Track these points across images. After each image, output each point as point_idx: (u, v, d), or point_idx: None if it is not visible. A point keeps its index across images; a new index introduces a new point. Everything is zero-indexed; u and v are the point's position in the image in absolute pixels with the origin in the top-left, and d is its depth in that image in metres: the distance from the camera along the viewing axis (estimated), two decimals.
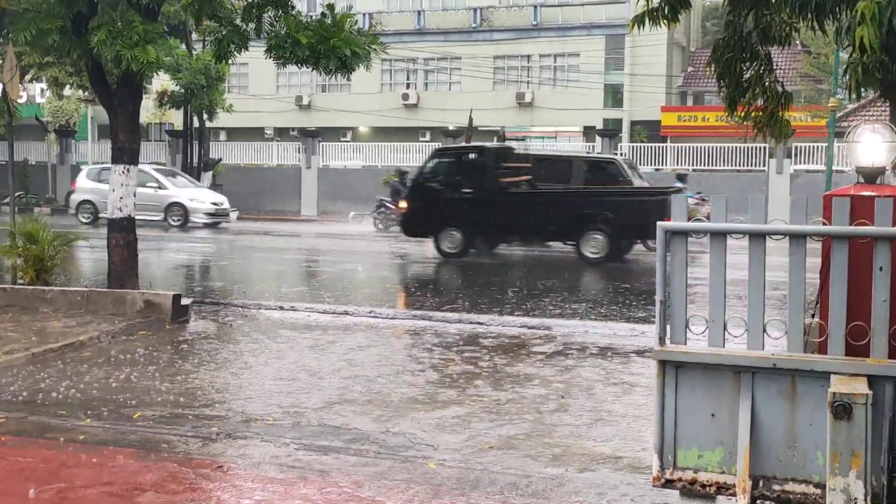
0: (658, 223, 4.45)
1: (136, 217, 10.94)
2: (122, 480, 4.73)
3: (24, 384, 6.92)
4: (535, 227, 17.68)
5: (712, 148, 32.95)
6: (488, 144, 20.75)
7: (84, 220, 26.78)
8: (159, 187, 26.56)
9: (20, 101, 42.57)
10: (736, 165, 32.32)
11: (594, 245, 16.81)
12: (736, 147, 32.00)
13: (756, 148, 31.00)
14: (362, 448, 5.40)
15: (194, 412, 6.20)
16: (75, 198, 28.20)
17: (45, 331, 8.91)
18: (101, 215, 26.21)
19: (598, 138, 33.73)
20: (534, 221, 17.40)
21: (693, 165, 32.92)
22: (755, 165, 31.55)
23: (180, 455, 5.20)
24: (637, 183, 18.99)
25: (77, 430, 5.70)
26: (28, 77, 33.40)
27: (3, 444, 5.34)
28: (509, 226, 17.68)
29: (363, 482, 4.74)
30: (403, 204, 19.06)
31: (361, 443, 5.51)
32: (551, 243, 18.81)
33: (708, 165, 32.76)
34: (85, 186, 27.90)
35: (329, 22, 10.52)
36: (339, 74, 10.79)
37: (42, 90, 40.41)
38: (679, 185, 21.80)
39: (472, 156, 18.97)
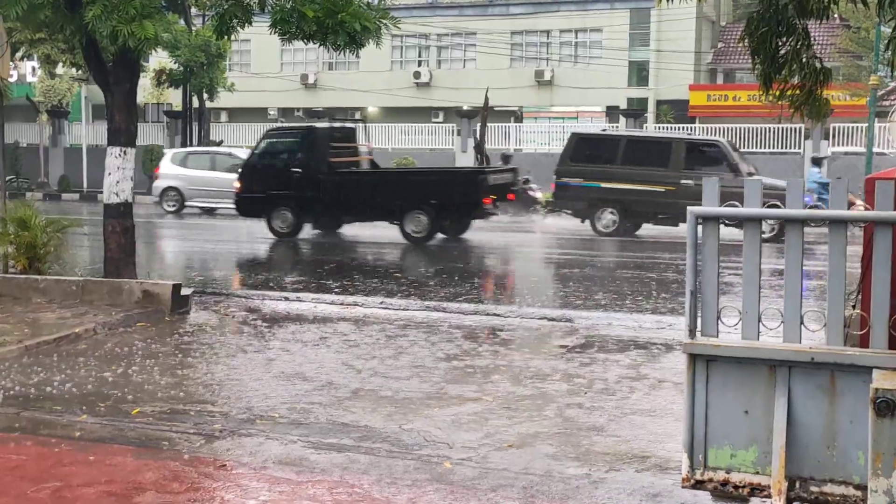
0: (689, 208, 4.44)
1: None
2: (121, 479, 4.77)
3: (16, 378, 6.97)
4: (362, 208, 18.80)
5: (744, 129, 32.78)
6: (318, 124, 21.97)
7: (169, 209, 26.11)
8: None
9: (10, 80, 42.68)
10: (770, 148, 32.15)
11: (416, 224, 17.97)
12: (769, 128, 31.86)
13: (791, 129, 30.88)
14: (374, 446, 5.42)
15: (196, 408, 6.23)
16: (159, 184, 27.18)
17: (39, 322, 8.97)
18: (187, 203, 26.11)
19: (621, 119, 33.63)
20: (361, 202, 18.64)
21: None
22: (790, 147, 31.39)
23: (182, 453, 5.24)
24: (743, 168, 19.10)
25: (73, 426, 5.75)
26: (18, 55, 33.49)
27: None
28: (338, 206, 18.76)
29: (375, 482, 4.76)
30: (237, 184, 19.85)
31: (373, 441, 5.53)
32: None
33: (740, 147, 32.53)
34: (169, 172, 27.20)
35: None
36: (348, 51, 10.79)
37: (33, 69, 40.50)
38: (504, 165, 23.14)
39: (301, 136, 20.05)
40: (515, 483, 4.79)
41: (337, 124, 23.07)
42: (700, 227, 4.44)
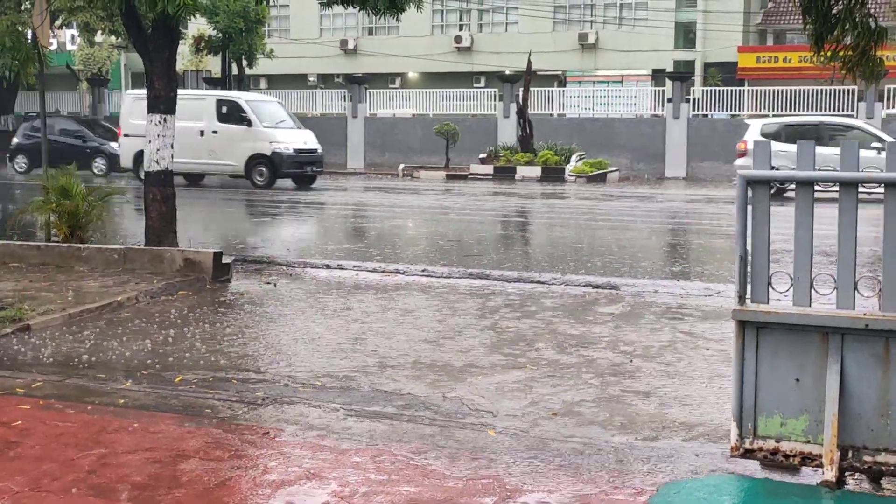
0: (738, 171, 4.39)
1: None
2: (165, 446, 4.82)
3: (61, 346, 7.08)
4: None
5: (795, 91, 32.25)
6: None
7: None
8: None
9: (50, 48, 43.14)
10: (822, 110, 31.62)
11: None
12: (821, 90, 31.31)
13: (844, 91, 30.32)
14: (417, 414, 5.43)
15: (238, 376, 6.29)
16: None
17: (82, 290, 9.09)
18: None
19: (667, 82, 33.25)
20: None
21: (773, 110, 32.29)
22: (843, 109, 30.85)
23: (225, 420, 5.28)
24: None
25: (117, 393, 5.81)
26: (58, 23, 33.77)
27: (41, 408, 5.46)
28: None
29: (418, 450, 4.77)
30: None
31: (416, 409, 5.55)
32: None
33: (790, 110, 32.09)
34: None
35: None
36: (388, 15, 10.76)
37: (73, 37, 40.95)
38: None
39: None
40: (560, 451, 4.78)
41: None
42: (750, 191, 4.39)
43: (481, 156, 31.07)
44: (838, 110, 30.93)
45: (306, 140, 25.36)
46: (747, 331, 4.39)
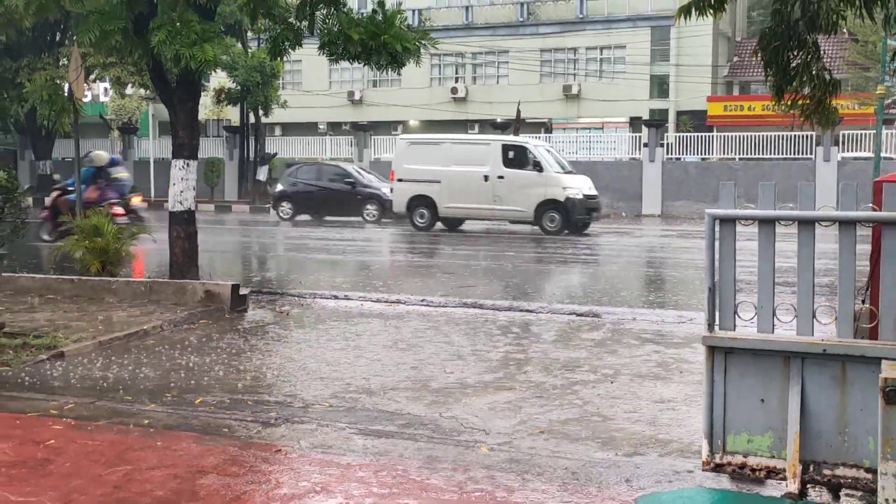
0: (707, 210, 4.40)
1: None
2: (186, 463, 4.79)
3: (91, 371, 7.05)
4: None
5: (759, 137, 32.41)
6: None
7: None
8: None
9: (84, 100, 43.31)
10: (783, 154, 31.78)
11: None
12: (782, 136, 31.48)
13: (803, 136, 30.47)
14: (416, 432, 5.41)
15: (253, 398, 6.26)
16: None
17: (111, 320, 9.06)
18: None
19: (644, 129, 33.41)
20: None
21: (739, 154, 32.46)
22: (802, 154, 31.00)
23: (241, 439, 5.25)
24: None
25: (142, 414, 5.78)
26: (92, 77, 33.98)
27: (72, 429, 5.43)
28: None
29: (417, 466, 4.75)
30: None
31: (415, 427, 5.52)
32: None
33: (755, 154, 32.24)
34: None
35: (380, 18, 10.52)
36: (390, 69, 10.81)
37: (105, 89, 41.18)
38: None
39: None
40: (547, 466, 4.76)
41: None
42: (717, 228, 4.40)
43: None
44: (799, 154, 31.10)
45: (589, 185, 22.88)
46: (716, 355, 4.39)
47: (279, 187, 28.28)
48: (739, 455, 4.37)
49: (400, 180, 23.27)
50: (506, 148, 22.64)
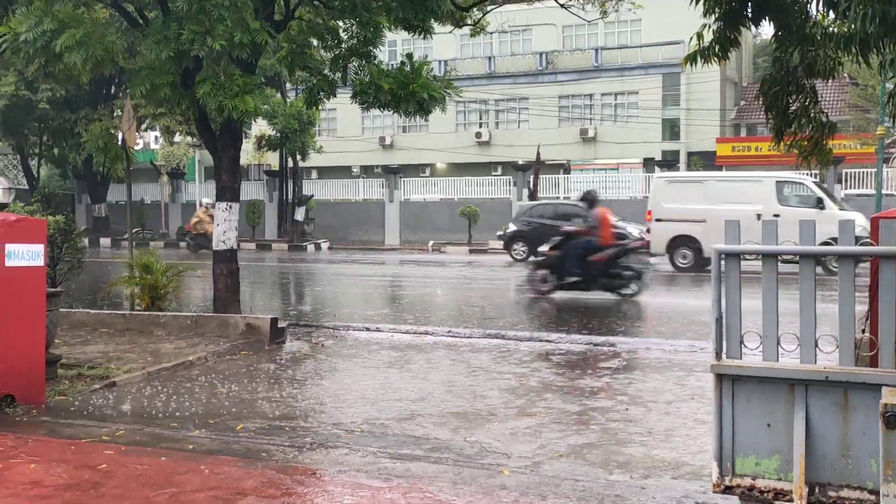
0: (713, 246, 4.39)
1: None
2: (227, 486, 4.80)
3: (140, 399, 7.10)
4: None
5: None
6: None
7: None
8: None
9: (136, 147, 43.81)
10: None
11: None
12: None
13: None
14: (442, 456, 5.39)
15: (290, 424, 6.27)
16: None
17: (159, 352, 9.14)
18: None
19: (656, 168, 33.36)
20: None
21: None
22: None
23: (278, 463, 5.26)
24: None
25: (187, 440, 5.81)
26: (144, 126, 34.51)
27: (122, 454, 5.46)
28: None
29: (443, 488, 4.73)
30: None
31: (441, 451, 5.51)
32: None
33: None
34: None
35: (408, 69, 10.67)
36: (418, 116, 10.92)
37: (156, 137, 41.73)
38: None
39: None
40: (565, 488, 4.73)
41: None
42: (723, 263, 4.38)
43: (499, 233, 31.10)
44: None
45: (864, 222, 19.82)
46: (724, 383, 4.35)
47: (511, 227, 25.78)
48: (748, 477, 4.31)
49: (658, 220, 21.25)
50: (780, 184, 20.55)
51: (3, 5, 11.50)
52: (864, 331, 4.41)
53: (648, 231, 21.66)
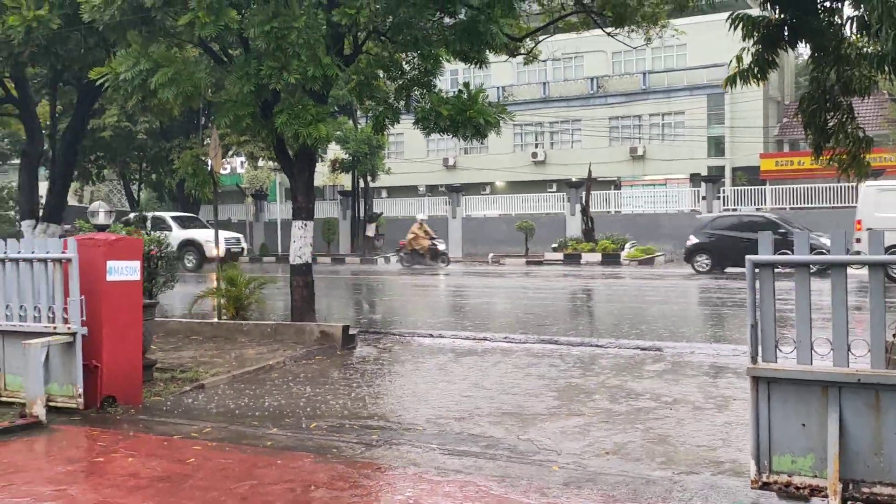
0: (747, 256, 4.33)
1: None
2: (300, 479, 4.88)
3: (225, 400, 7.26)
4: None
5: (808, 188, 31.50)
6: None
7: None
8: None
9: (224, 172, 44.68)
10: (831, 203, 30.76)
11: None
12: (828, 187, 30.52)
13: (848, 187, 29.44)
14: (496, 453, 5.39)
15: (358, 423, 6.34)
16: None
17: (243, 357, 9.32)
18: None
19: (702, 184, 32.81)
20: None
21: (790, 204, 31.54)
22: (848, 202, 29.93)
23: (347, 458, 5.32)
24: None
25: (266, 437, 5.91)
26: (230, 153, 35.24)
27: (209, 449, 5.59)
28: None
29: (496, 482, 4.73)
30: None
31: (495, 448, 5.51)
32: None
33: (805, 204, 31.30)
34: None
35: (465, 97, 10.72)
36: (475, 139, 10.96)
37: (241, 162, 42.57)
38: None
39: None
40: (611, 483, 4.69)
41: None
42: (757, 272, 4.31)
43: (553, 245, 30.99)
44: (843, 202, 30.08)
45: None
46: (760, 385, 4.27)
47: (692, 240, 23.64)
48: (784, 474, 4.22)
49: (868, 230, 19.31)
50: None
51: (106, 49, 11.91)
52: (894, 335, 4.29)
53: (858, 241, 18.93)
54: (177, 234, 27.14)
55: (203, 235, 27.82)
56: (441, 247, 28.09)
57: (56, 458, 5.46)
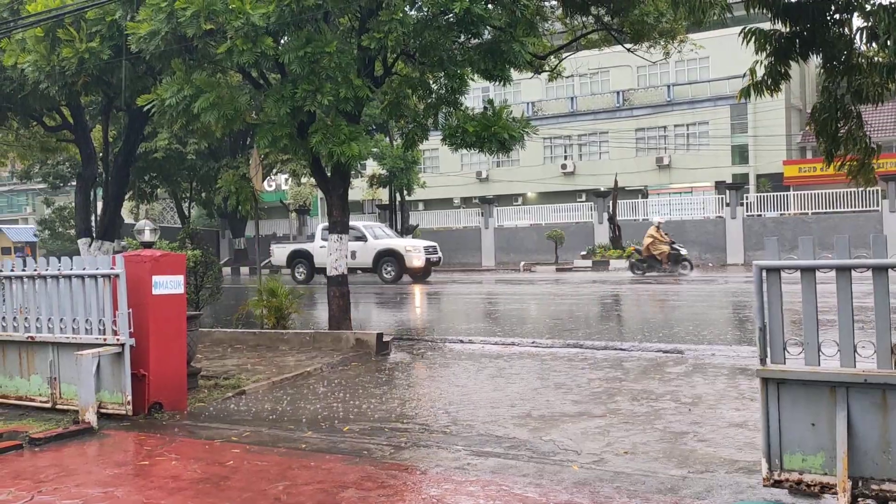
0: (754, 262, 4.29)
1: None
2: (332, 480, 4.92)
3: (265, 405, 7.33)
4: None
5: (830, 193, 30.97)
6: None
7: None
8: None
9: (269, 189, 45.13)
10: (853, 207, 30.21)
11: None
12: (851, 192, 29.97)
13: (870, 191, 28.91)
14: (519, 454, 5.38)
15: (389, 426, 6.37)
16: None
17: (283, 364, 9.41)
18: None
19: (727, 191, 32.43)
20: None
21: (813, 209, 31.05)
22: (869, 206, 29.40)
23: (377, 460, 5.34)
24: None
25: (301, 440, 5.96)
26: (274, 171, 35.67)
27: (247, 452, 5.66)
28: None
29: (519, 481, 4.73)
30: None
31: (518, 449, 5.50)
32: None
33: (827, 208, 30.79)
34: None
35: (490, 113, 10.75)
36: (500, 154, 10.98)
37: (286, 179, 43.08)
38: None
39: None
40: (629, 481, 4.65)
41: None
42: (764, 276, 4.27)
43: (582, 253, 30.87)
44: (864, 206, 29.54)
45: None
46: (770, 386, 4.22)
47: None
48: (795, 472, 4.16)
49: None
50: None
51: (153, 76, 12.16)
52: None
53: None
54: (372, 245, 24.80)
55: (402, 244, 25.20)
56: (683, 251, 24.40)
57: (105, 461, 5.57)
